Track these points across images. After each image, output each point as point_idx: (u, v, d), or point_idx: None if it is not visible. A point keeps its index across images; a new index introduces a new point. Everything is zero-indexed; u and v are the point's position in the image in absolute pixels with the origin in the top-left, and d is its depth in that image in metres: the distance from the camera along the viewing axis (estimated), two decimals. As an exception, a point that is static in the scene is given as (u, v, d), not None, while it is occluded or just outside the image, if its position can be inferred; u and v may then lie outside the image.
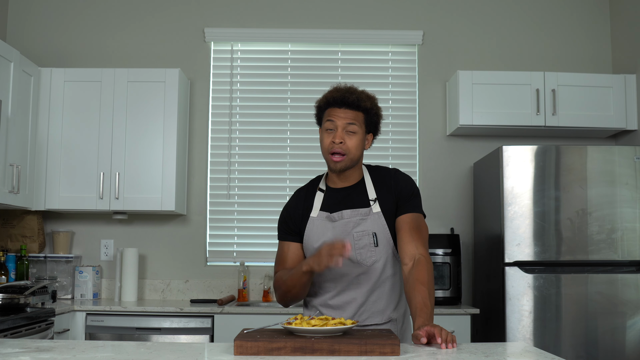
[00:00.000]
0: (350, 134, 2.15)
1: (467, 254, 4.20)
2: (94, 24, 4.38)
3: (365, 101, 2.16)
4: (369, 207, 2.18)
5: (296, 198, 2.29)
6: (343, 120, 2.14)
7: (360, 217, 2.17)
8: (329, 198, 2.22)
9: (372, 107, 2.19)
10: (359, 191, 2.22)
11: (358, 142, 2.16)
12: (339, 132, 2.14)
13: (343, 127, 2.14)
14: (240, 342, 1.74)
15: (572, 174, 3.51)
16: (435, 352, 1.80)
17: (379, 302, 2.18)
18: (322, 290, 2.21)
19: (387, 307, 2.19)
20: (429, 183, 4.27)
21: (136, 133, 3.95)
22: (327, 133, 2.17)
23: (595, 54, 4.38)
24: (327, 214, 2.19)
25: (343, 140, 2.13)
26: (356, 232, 2.15)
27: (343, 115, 2.14)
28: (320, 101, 2.22)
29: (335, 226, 2.17)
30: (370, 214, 2.17)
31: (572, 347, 3.42)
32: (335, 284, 2.18)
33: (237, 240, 4.27)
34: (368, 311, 2.18)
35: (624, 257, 3.49)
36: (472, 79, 3.99)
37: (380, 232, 2.16)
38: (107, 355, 1.74)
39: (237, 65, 4.37)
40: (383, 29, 4.36)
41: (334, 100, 2.16)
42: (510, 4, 4.41)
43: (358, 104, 2.15)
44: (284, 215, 2.28)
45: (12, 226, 4.06)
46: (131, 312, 3.61)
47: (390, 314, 2.20)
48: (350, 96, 2.15)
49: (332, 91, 2.20)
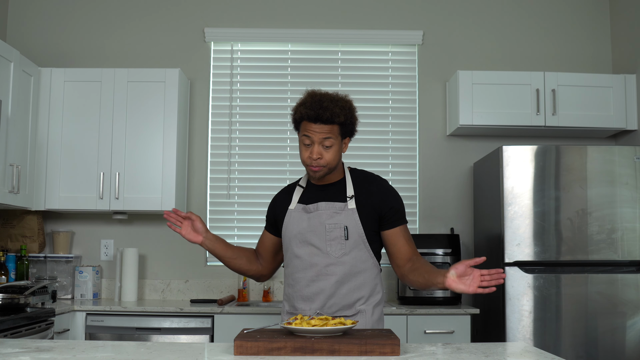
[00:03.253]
0: (327, 148, 2.22)
1: (467, 254, 4.20)
2: (94, 24, 4.38)
3: (338, 116, 2.20)
4: (345, 203, 2.27)
5: (279, 194, 2.46)
6: (319, 135, 2.21)
7: (334, 211, 2.26)
8: (308, 192, 2.35)
9: (346, 119, 2.23)
10: (337, 188, 2.32)
11: (335, 153, 2.25)
12: (315, 147, 2.21)
13: (319, 141, 2.22)
14: (240, 342, 1.74)
15: (572, 174, 3.51)
16: (435, 352, 1.80)
17: (348, 296, 2.25)
18: (294, 281, 2.31)
19: (357, 302, 2.27)
20: (429, 183, 4.27)
21: (136, 133, 3.95)
22: (304, 146, 2.25)
23: (595, 54, 4.39)
24: (304, 206, 2.31)
25: (320, 155, 2.22)
26: (328, 224, 2.25)
27: (319, 130, 2.21)
28: (295, 114, 2.26)
29: (311, 217, 2.28)
30: (345, 209, 2.26)
31: (572, 347, 3.42)
32: (304, 273, 2.27)
33: (237, 240, 4.27)
34: (337, 304, 2.25)
35: (624, 257, 3.49)
36: (472, 79, 3.99)
37: (352, 227, 2.24)
38: (107, 355, 1.74)
39: (237, 65, 4.37)
40: (383, 29, 4.36)
41: (308, 117, 2.21)
42: (510, 4, 4.41)
43: (332, 119, 2.19)
44: (268, 208, 2.49)
45: (12, 226, 4.06)
46: (131, 312, 3.60)
47: (359, 307, 2.27)
48: (324, 113, 2.18)
49: (306, 105, 2.22)
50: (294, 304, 2.31)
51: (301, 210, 2.31)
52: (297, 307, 2.29)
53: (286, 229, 2.33)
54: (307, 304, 2.26)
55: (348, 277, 2.24)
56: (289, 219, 2.33)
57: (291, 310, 2.33)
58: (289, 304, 2.35)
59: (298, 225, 2.29)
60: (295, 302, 2.30)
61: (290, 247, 2.32)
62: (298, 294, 2.29)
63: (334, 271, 2.24)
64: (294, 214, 2.32)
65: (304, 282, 2.27)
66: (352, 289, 2.25)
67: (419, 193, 4.27)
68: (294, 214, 2.32)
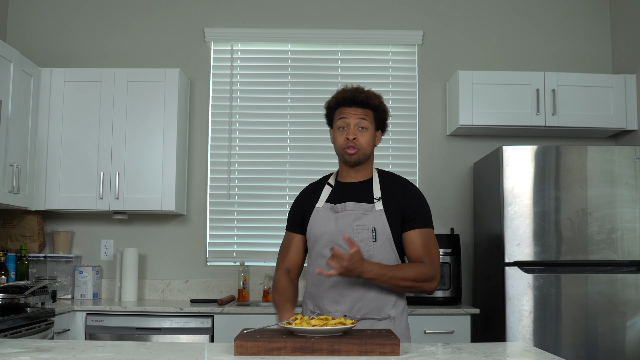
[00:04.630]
0: (362, 130, 2.27)
1: (467, 253, 4.20)
2: (94, 24, 4.38)
3: (373, 99, 2.29)
4: (373, 204, 2.25)
5: (305, 191, 2.42)
6: (355, 118, 2.26)
7: (362, 212, 2.23)
8: (336, 191, 2.33)
9: (380, 105, 2.31)
10: (365, 188, 2.30)
11: (369, 137, 2.28)
12: (351, 129, 2.26)
13: (355, 124, 2.27)
14: (240, 342, 1.74)
15: (572, 174, 3.51)
16: (435, 352, 1.80)
17: (376, 299, 2.21)
18: (319, 280, 2.26)
19: (386, 305, 2.23)
20: (429, 183, 4.27)
21: (136, 133, 3.95)
22: (339, 131, 2.29)
23: (595, 54, 4.38)
24: (331, 205, 2.28)
25: (356, 136, 2.25)
26: (356, 225, 2.23)
27: (354, 113, 2.27)
28: (330, 102, 2.35)
29: (338, 217, 2.25)
30: (373, 210, 2.24)
31: (572, 347, 3.42)
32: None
33: (237, 240, 4.27)
34: (366, 307, 2.21)
35: (624, 257, 3.49)
36: (472, 79, 3.99)
37: (380, 229, 2.22)
38: (107, 355, 1.74)
39: (237, 65, 4.37)
40: (383, 29, 4.36)
41: (344, 100, 2.29)
42: (510, 4, 4.41)
43: (367, 102, 2.27)
44: (293, 206, 2.42)
45: (12, 226, 4.06)
46: (131, 312, 3.60)
47: (389, 312, 2.23)
48: (359, 95, 2.27)
49: (341, 92, 2.32)
50: (319, 304, 2.26)
51: (329, 209, 2.28)
52: (324, 307, 2.24)
53: (312, 227, 2.29)
54: (333, 306, 2.22)
55: None
56: (316, 217, 2.29)
57: (314, 310, 2.28)
58: (313, 304, 2.29)
59: (325, 224, 2.26)
60: (322, 302, 2.25)
61: (315, 246, 2.28)
62: (325, 294, 2.24)
63: None
64: (322, 212, 2.29)
65: (330, 282, 2.22)
66: (380, 293, 2.21)
67: (419, 193, 4.26)
68: (321, 212, 2.29)
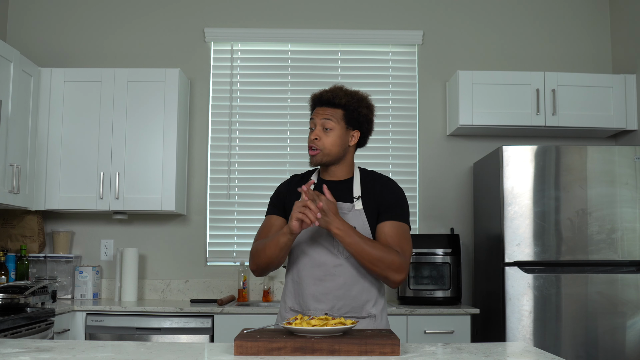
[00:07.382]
0: (327, 131, 2.24)
1: (467, 254, 4.20)
2: (94, 24, 4.38)
3: (341, 98, 2.24)
4: (352, 203, 2.24)
5: (289, 181, 2.40)
6: (320, 118, 2.25)
7: (342, 212, 2.22)
8: (317, 188, 2.30)
9: (350, 104, 2.25)
10: (345, 187, 2.29)
11: (334, 138, 2.24)
12: (316, 129, 2.25)
13: (321, 124, 2.25)
14: (240, 342, 1.74)
15: (572, 174, 3.51)
16: (435, 352, 1.80)
17: (357, 298, 2.22)
18: (300, 278, 2.26)
19: (367, 303, 2.24)
20: (429, 183, 4.27)
21: (136, 133, 3.95)
22: (310, 131, 2.29)
23: (595, 54, 4.39)
24: None
25: (318, 136, 2.24)
26: None
27: (321, 113, 2.26)
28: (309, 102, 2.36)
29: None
30: (353, 209, 2.23)
31: (572, 347, 3.42)
32: (312, 271, 2.23)
33: (237, 240, 4.27)
34: (347, 306, 2.21)
35: (624, 257, 3.49)
36: (472, 79, 3.99)
37: (360, 228, 2.21)
38: (107, 355, 1.74)
39: (237, 65, 4.37)
40: (383, 29, 4.36)
41: (316, 100, 2.30)
42: (510, 4, 4.41)
43: (333, 101, 2.25)
44: (275, 193, 2.38)
45: (12, 226, 4.06)
46: (131, 312, 3.60)
47: (370, 310, 2.24)
48: (326, 94, 2.27)
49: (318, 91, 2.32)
50: (301, 302, 2.26)
51: None
52: (305, 305, 2.24)
53: None
54: (314, 304, 2.22)
55: (357, 279, 2.21)
56: None
57: (295, 308, 2.28)
58: (295, 301, 2.29)
59: None
60: (303, 300, 2.25)
61: (298, 243, 2.27)
62: (307, 292, 2.24)
63: (342, 272, 2.20)
64: None
65: (311, 280, 2.23)
66: (361, 291, 2.22)
67: (419, 193, 4.27)
68: None
